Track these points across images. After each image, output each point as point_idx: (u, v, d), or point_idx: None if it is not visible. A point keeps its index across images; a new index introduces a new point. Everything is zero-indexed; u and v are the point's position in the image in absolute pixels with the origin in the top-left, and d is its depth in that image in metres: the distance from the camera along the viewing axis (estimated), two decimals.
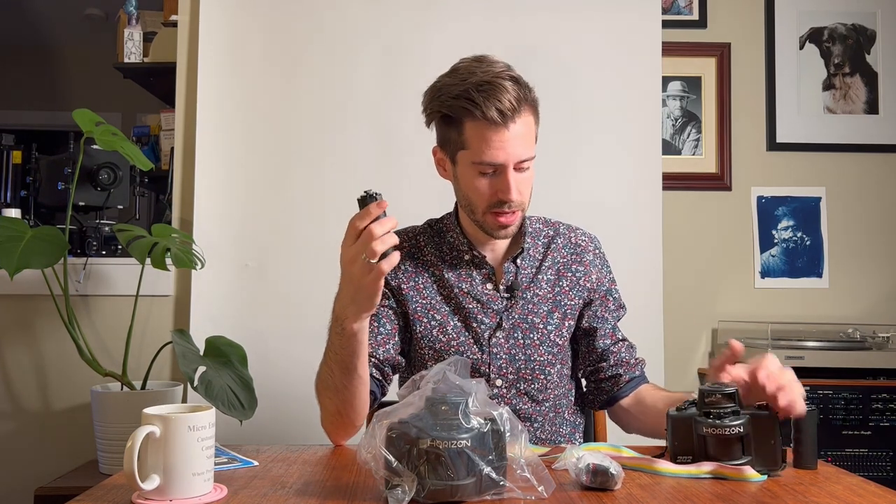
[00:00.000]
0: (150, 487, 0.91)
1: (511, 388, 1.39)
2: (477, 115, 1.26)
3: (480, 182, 1.31)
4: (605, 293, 1.47)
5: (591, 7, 2.30)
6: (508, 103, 1.25)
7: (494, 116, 1.25)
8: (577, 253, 1.47)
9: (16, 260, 1.69)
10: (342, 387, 1.24)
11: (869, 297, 2.47)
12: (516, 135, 1.27)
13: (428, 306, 1.40)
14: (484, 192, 1.32)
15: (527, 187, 1.34)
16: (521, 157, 1.29)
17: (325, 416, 1.30)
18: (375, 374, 1.37)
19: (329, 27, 2.27)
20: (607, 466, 0.97)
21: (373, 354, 1.36)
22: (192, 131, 2.24)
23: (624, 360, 1.44)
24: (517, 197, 1.31)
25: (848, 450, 2.07)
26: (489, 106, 1.25)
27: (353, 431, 1.30)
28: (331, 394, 1.26)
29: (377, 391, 1.37)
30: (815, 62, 2.51)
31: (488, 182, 1.31)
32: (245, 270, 2.21)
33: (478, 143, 1.28)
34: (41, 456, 2.17)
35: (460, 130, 1.30)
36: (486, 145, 1.27)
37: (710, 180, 2.47)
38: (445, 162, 1.38)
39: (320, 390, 1.28)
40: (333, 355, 1.22)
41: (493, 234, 1.37)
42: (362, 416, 1.29)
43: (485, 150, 1.28)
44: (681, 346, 2.41)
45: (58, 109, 4.60)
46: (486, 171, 1.30)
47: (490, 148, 1.27)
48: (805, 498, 0.96)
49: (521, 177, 1.31)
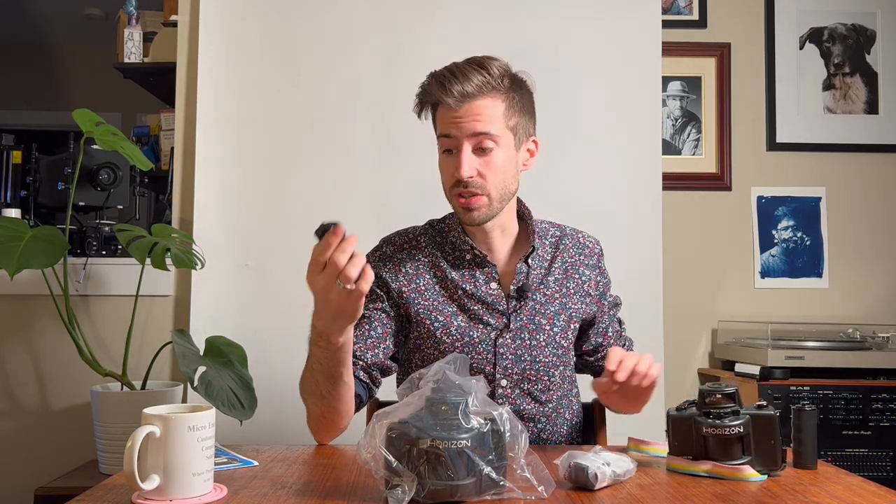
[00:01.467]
0: (150, 487, 0.91)
1: (515, 388, 1.39)
2: (441, 97, 1.33)
3: (444, 160, 1.38)
4: (599, 297, 1.50)
5: (590, 7, 2.30)
6: (460, 87, 1.31)
7: (448, 99, 1.32)
8: (584, 254, 1.49)
9: (16, 260, 1.69)
10: (327, 394, 1.24)
11: (869, 297, 2.47)
12: (472, 111, 1.32)
13: (431, 307, 1.40)
14: (446, 170, 1.37)
15: (490, 171, 1.34)
16: (475, 129, 1.32)
17: (309, 418, 1.31)
18: (363, 378, 1.37)
19: (329, 27, 2.27)
20: (587, 466, 0.97)
21: (361, 358, 1.37)
22: (192, 131, 2.24)
23: None
24: (476, 178, 1.33)
25: (848, 450, 2.06)
26: (448, 89, 1.31)
27: (338, 433, 1.31)
28: (315, 400, 1.27)
29: (363, 394, 1.37)
30: (815, 62, 2.51)
31: (450, 161, 1.36)
32: (245, 270, 2.21)
33: (441, 120, 1.36)
34: (41, 456, 2.17)
35: (435, 115, 1.38)
36: (444, 119, 1.35)
37: (710, 180, 2.47)
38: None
39: (304, 395, 1.29)
40: (318, 366, 1.22)
41: (463, 220, 1.40)
42: (347, 419, 1.30)
43: (441, 124, 1.36)
44: (681, 346, 2.41)
45: (58, 109, 4.60)
46: (446, 147, 1.36)
47: (446, 121, 1.34)
48: (805, 498, 0.96)
49: (483, 159, 1.33)
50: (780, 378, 2.06)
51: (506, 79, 1.35)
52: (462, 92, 1.31)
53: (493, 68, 1.34)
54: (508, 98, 1.35)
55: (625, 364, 1.19)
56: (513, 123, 1.36)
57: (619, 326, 1.57)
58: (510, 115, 1.35)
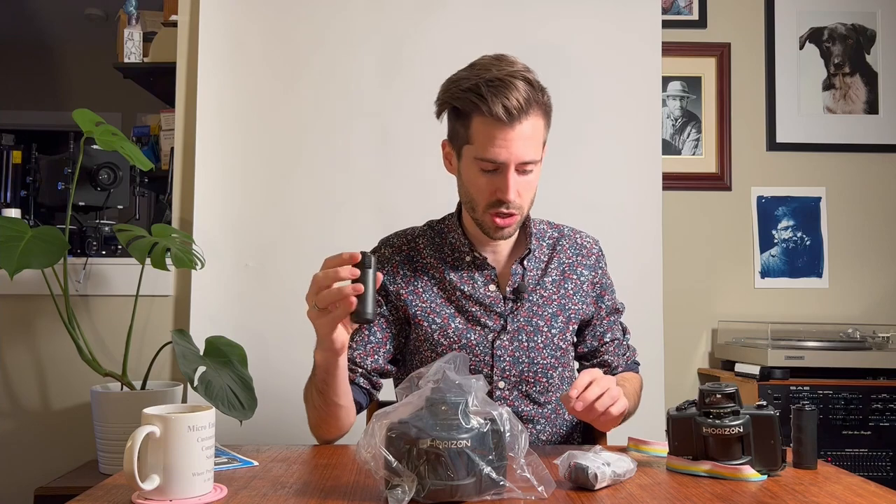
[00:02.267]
0: (150, 487, 0.91)
1: (513, 389, 1.39)
2: (484, 111, 1.25)
3: (481, 179, 1.31)
4: (596, 298, 1.49)
5: (590, 7, 2.30)
6: (516, 102, 1.24)
7: (500, 114, 1.24)
8: (581, 255, 1.48)
9: (16, 260, 1.69)
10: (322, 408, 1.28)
11: (869, 297, 2.47)
12: (521, 135, 1.26)
13: (429, 309, 1.40)
14: (483, 190, 1.31)
15: (528, 191, 1.33)
16: (524, 158, 1.28)
17: (309, 421, 1.33)
18: (363, 384, 1.38)
19: (329, 27, 2.27)
20: (587, 466, 0.97)
21: (360, 364, 1.38)
22: (192, 131, 2.24)
23: (607, 361, 1.48)
24: (516, 199, 1.30)
25: (848, 450, 2.07)
26: (496, 102, 1.24)
27: (336, 438, 1.34)
28: (313, 412, 1.30)
29: (364, 401, 1.39)
30: (815, 62, 2.51)
31: (489, 180, 1.30)
32: (245, 270, 2.21)
33: (482, 140, 1.27)
34: (41, 456, 2.17)
35: (467, 125, 1.29)
36: (490, 142, 1.26)
37: (710, 180, 2.47)
38: (452, 156, 1.38)
39: (305, 401, 1.32)
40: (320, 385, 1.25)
41: (490, 235, 1.36)
42: (344, 429, 1.32)
43: (488, 147, 1.27)
44: (681, 346, 2.41)
45: (58, 109, 4.60)
46: (488, 169, 1.29)
47: (493, 145, 1.26)
48: (805, 498, 0.96)
49: (523, 179, 1.30)
50: (780, 378, 2.06)
51: (544, 93, 1.31)
52: (514, 108, 1.24)
53: (533, 80, 1.29)
54: (545, 112, 1.32)
55: (586, 395, 1.13)
56: (546, 138, 1.34)
57: (620, 335, 1.52)
58: (546, 130, 1.34)
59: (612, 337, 1.50)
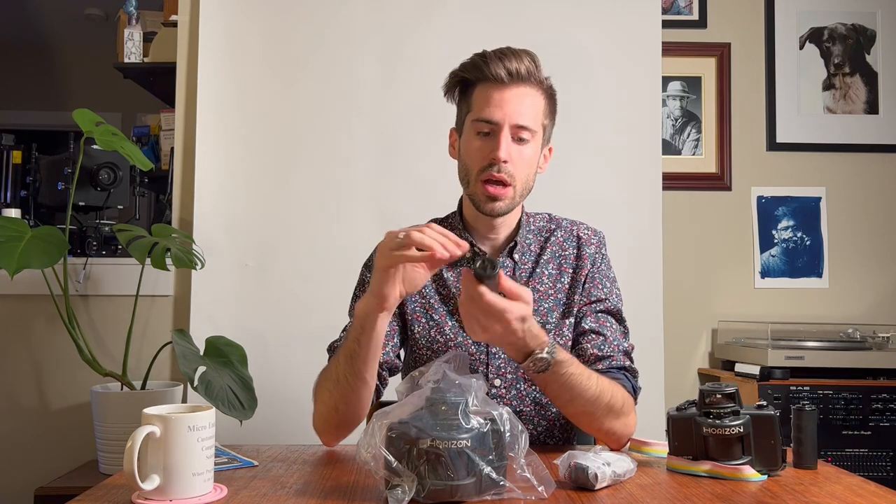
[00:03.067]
0: (150, 487, 0.91)
1: (510, 388, 1.38)
2: (486, 73, 1.31)
3: (476, 143, 1.33)
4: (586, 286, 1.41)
5: (590, 7, 2.30)
6: (517, 67, 1.30)
7: (501, 74, 1.30)
8: (578, 246, 1.44)
9: (16, 260, 1.69)
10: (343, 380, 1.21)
11: (869, 297, 2.47)
12: (518, 96, 1.31)
13: (427, 306, 1.40)
14: (477, 155, 1.33)
15: (522, 162, 1.33)
16: (518, 120, 1.30)
17: (321, 412, 1.27)
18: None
19: (329, 27, 2.27)
20: (587, 466, 0.97)
21: None
22: (192, 131, 2.24)
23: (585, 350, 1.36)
24: (509, 165, 1.30)
25: (848, 450, 2.07)
26: (499, 65, 1.30)
27: (346, 432, 1.29)
28: (331, 385, 1.24)
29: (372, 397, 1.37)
30: (815, 62, 2.51)
31: (483, 143, 1.32)
32: (245, 270, 2.21)
33: (481, 102, 1.32)
34: (41, 456, 2.17)
35: (471, 94, 1.35)
36: (487, 102, 1.31)
37: (710, 180, 2.47)
38: (456, 140, 1.41)
39: (320, 384, 1.27)
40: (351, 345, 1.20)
41: (483, 209, 1.34)
42: (360, 416, 1.28)
43: (485, 108, 1.31)
44: (681, 346, 2.41)
45: (58, 109, 4.60)
46: (484, 130, 1.32)
47: (490, 104, 1.31)
48: (805, 498, 0.96)
49: (517, 148, 1.32)
50: (780, 378, 2.06)
51: (548, 80, 1.36)
52: (514, 70, 1.30)
53: (541, 64, 1.35)
54: (547, 97, 1.36)
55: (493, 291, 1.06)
56: (546, 123, 1.37)
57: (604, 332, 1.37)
58: (545, 115, 1.36)
59: (591, 328, 1.38)
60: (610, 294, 1.43)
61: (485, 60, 1.32)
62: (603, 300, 1.41)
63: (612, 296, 1.43)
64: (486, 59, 1.32)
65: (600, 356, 1.35)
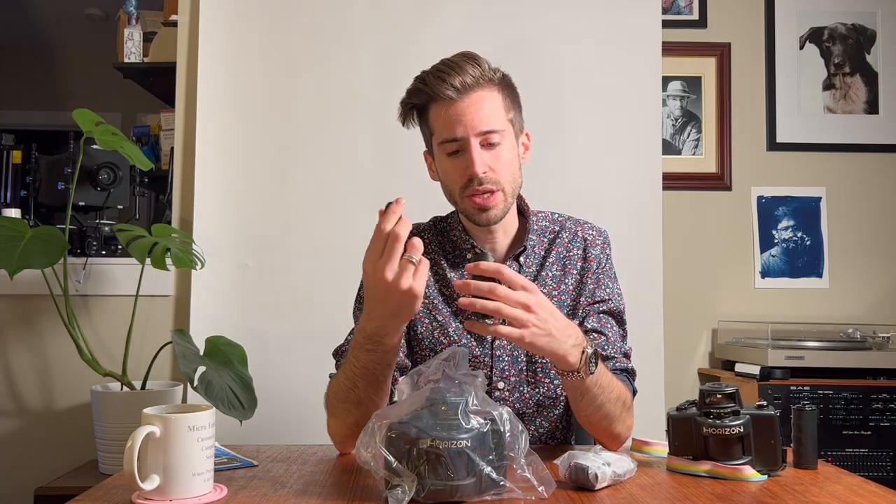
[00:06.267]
0: (150, 487, 0.91)
1: (514, 390, 1.38)
2: (434, 96, 1.29)
3: (449, 163, 1.32)
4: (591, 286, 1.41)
5: (590, 7, 2.30)
6: (461, 79, 1.28)
7: (448, 93, 1.28)
8: (583, 248, 1.43)
9: (16, 260, 1.69)
10: (367, 399, 1.19)
11: (869, 297, 2.47)
12: (473, 105, 1.28)
13: (430, 307, 1.39)
14: (454, 175, 1.32)
15: (500, 166, 1.31)
16: (481, 127, 1.28)
17: (339, 428, 1.24)
18: None
19: (328, 27, 2.27)
20: (587, 466, 0.97)
21: None
22: (192, 131, 2.24)
23: None
24: (488, 173, 1.29)
25: (848, 450, 2.06)
26: (442, 84, 1.28)
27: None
28: (351, 407, 1.20)
29: None
30: (815, 62, 2.51)
31: (456, 162, 1.31)
32: (245, 270, 2.21)
33: (440, 123, 1.31)
34: (41, 456, 2.17)
35: (427, 119, 1.33)
36: (446, 121, 1.29)
37: (710, 180, 2.47)
38: (431, 162, 1.40)
39: (335, 404, 1.24)
40: (362, 371, 1.17)
41: (476, 221, 1.34)
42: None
43: (445, 127, 1.30)
44: (681, 346, 2.41)
45: (58, 109, 4.61)
46: (453, 150, 1.31)
47: (448, 123, 1.29)
48: (805, 498, 0.96)
49: (490, 154, 1.30)
50: (780, 378, 2.06)
51: (497, 72, 1.34)
52: (462, 83, 1.27)
53: (484, 62, 1.32)
54: (503, 90, 1.34)
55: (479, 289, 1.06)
56: (511, 116, 1.35)
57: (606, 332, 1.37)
58: (508, 109, 1.34)
59: (593, 328, 1.37)
60: (612, 294, 1.42)
61: (426, 84, 1.29)
62: (606, 301, 1.41)
63: (615, 296, 1.43)
64: (426, 83, 1.29)
65: (604, 357, 1.34)
